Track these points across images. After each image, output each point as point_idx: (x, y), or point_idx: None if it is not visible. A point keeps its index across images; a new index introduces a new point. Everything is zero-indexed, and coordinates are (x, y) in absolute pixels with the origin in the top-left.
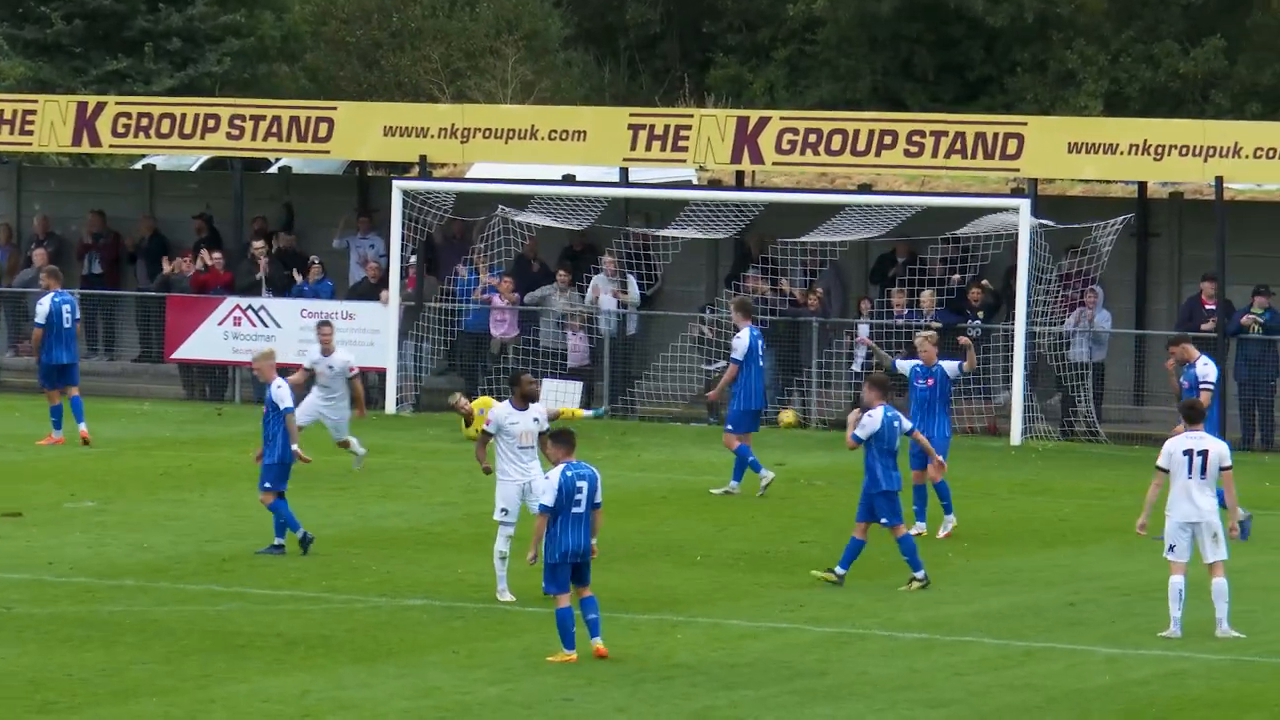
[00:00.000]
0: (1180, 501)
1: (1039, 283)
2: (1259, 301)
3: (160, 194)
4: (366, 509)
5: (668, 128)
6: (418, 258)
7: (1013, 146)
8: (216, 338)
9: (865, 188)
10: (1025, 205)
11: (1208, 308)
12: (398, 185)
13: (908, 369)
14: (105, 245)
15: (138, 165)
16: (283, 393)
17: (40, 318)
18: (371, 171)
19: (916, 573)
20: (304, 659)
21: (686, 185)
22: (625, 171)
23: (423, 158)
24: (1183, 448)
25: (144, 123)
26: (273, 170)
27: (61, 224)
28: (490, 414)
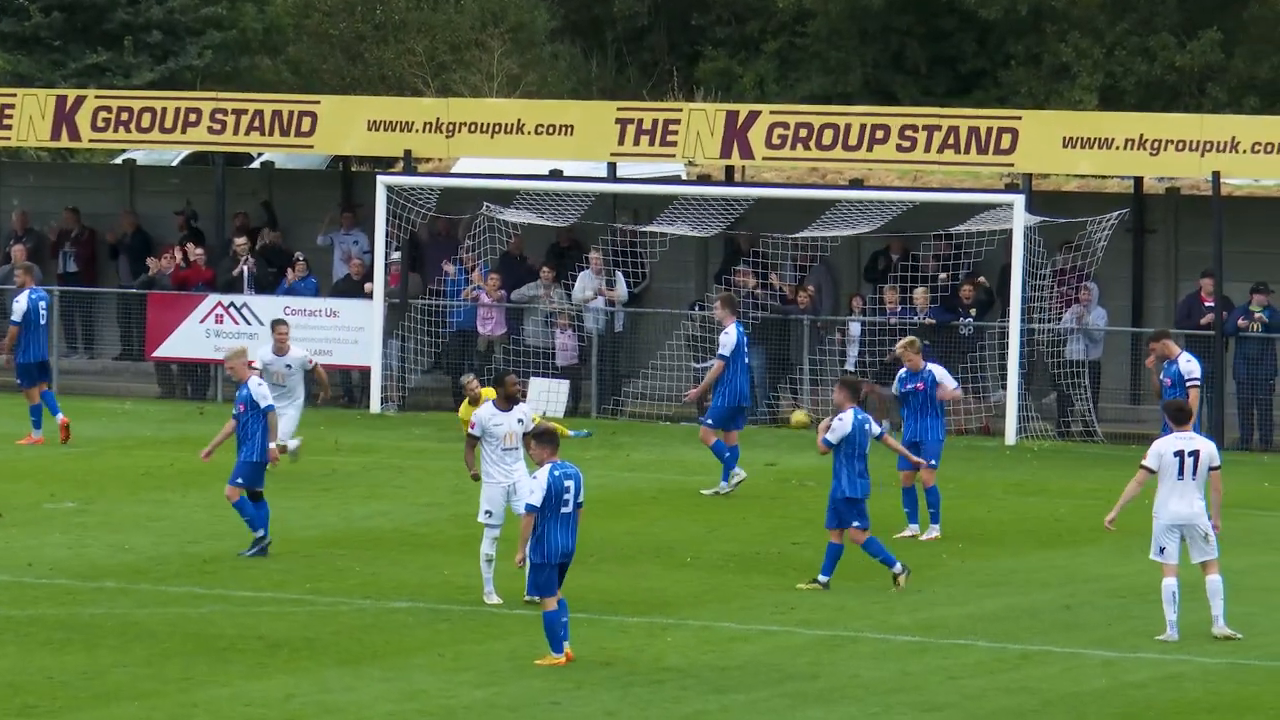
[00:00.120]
0: (1169, 503)
1: (1033, 279)
2: (1257, 299)
3: (141, 189)
4: (351, 510)
5: (656, 122)
6: (402, 255)
7: (1006, 141)
8: (198, 336)
9: (857, 183)
10: (1019, 201)
11: (1207, 304)
12: (382, 180)
13: (895, 383)
14: (82, 242)
15: (118, 160)
16: (263, 390)
17: (18, 315)
18: (355, 166)
19: (894, 567)
20: (287, 662)
21: (675, 180)
22: (613, 166)
23: (407, 152)
24: (1173, 449)
25: (124, 117)
26: (255, 165)
27: (40, 220)
28: (474, 417)
